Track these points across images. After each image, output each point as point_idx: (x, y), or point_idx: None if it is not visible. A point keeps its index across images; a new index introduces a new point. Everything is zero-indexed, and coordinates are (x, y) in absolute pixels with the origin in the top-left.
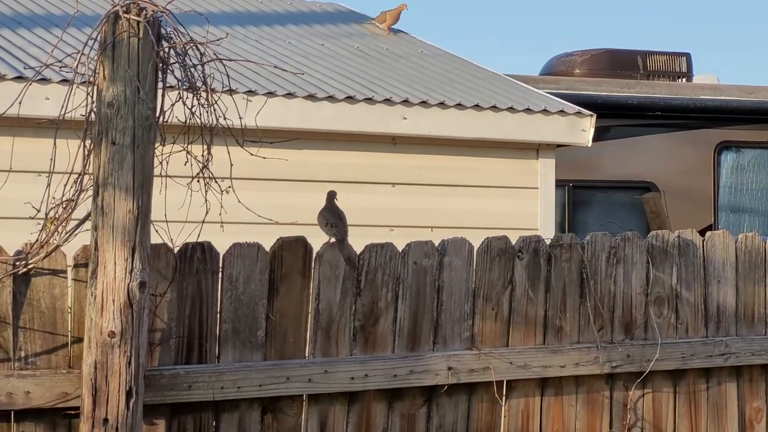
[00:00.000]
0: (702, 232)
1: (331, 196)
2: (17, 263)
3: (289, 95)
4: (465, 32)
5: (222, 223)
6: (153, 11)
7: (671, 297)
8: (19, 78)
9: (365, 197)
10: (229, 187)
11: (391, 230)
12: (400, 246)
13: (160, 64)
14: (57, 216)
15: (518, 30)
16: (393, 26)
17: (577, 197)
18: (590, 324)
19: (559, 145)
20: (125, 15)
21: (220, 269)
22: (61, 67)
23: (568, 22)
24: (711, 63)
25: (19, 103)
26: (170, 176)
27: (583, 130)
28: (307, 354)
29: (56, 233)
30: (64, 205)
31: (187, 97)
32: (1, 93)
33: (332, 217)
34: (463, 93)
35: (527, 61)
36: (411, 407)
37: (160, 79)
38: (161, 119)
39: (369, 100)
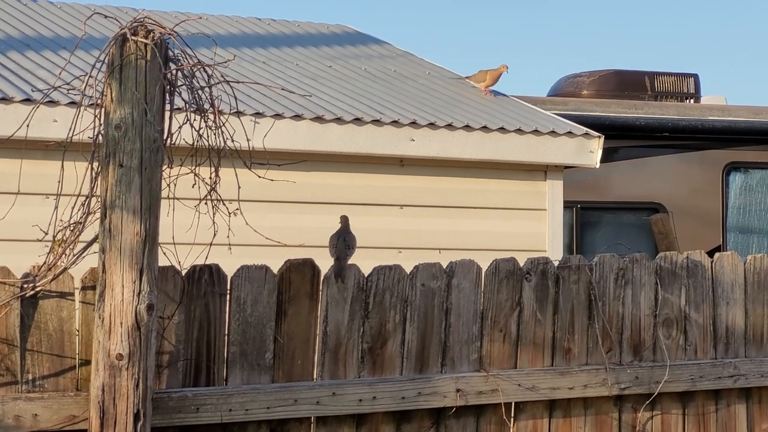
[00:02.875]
0: (710, 253)
1: (344, 219)
2: (25, 286)
3: (297, 117)
4: (473, 54)
5: (230, 245)
6: (161, 33)
7: (680, 318)
8: (27, 100)
9: (373, 219)
10: (237, 209)
11: (399, 252)
12: (408, 268)
13: (168, 86)
14: (64, 238)
15: (526, 51)
16: (492, 87)
17: (585, 218)
18: (598, 346)
19: (567, 167)
20: (133, 37)
21: (228, 291)
22: (69, 90)
23: (575, 43)
24: (719, 81)
25: (27, 125)
26: (178, 198)
27: (591, 151)
28: (315, 376)
29: (64, 256)
30: (72, 228)
31: (194, 119)
32: (10, 115)
33: (335, 239)
34: (471, 114)
35: (535, 83)
36: (419, 429)
37: (167, 101)
38: (169, 141)
39: (377, 122)
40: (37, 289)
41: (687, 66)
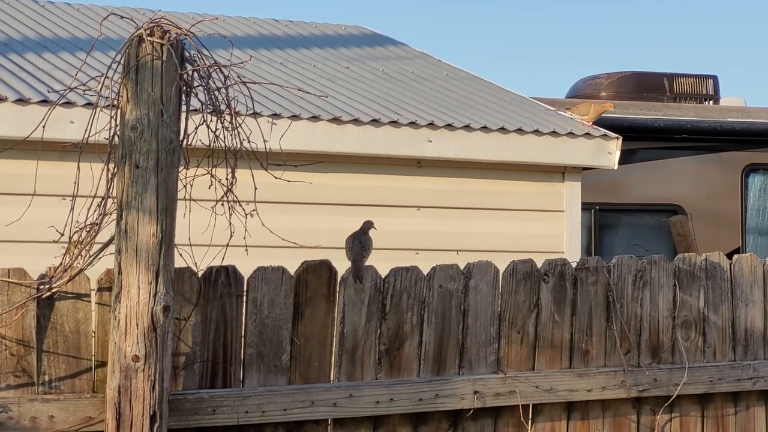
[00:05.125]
0: (729, 255)
1: (366, 225)
2: (41, 287)
3: (314, 118)
4: (491, 55)
5: (246, 246)
6: (177, 34)
7: (698, 320)
8: (44, 102)
9: (390, 220)
10: (254, 210)
11: (417, 254)
12: (425, 269)
13: (184, 87)
14: (81, 240)
15: (544, 53)
16: (593, 122)
17: (603, 220)
18: (617, 347)
19: (585, 168)
20: (149, 38)
21: (245, 293)
22: (85, 91)
23: (594, 45)
24: (738, 82)
25: (43, 126)
26: (194, 200)
27: (609, 152)
28: (332, 378)
29: (80, 257)
30: (88, 229)
31: (211, 120)
32: (26, 116)
33: (351, 241)
34: (489, 116)
35: (554, 84)
36: (436, 431)
37: (183, 102)
38: (185, 142)
39: (394, 123)
40: (54, 290)
41: (706, 67)
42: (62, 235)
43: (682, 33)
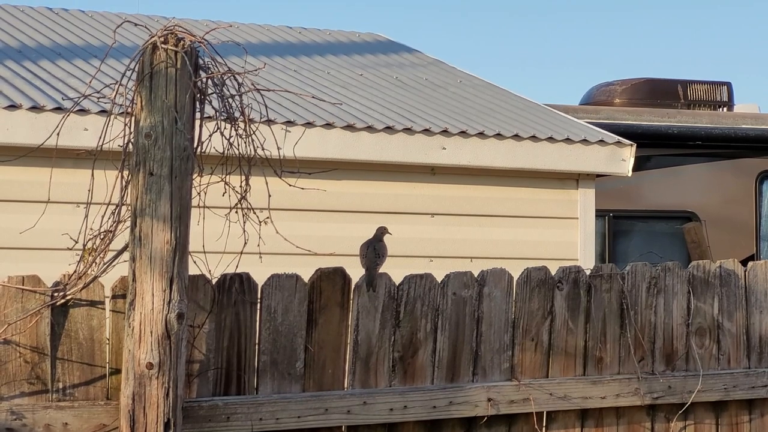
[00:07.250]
0: (744, 262)
1: (379, 231)
2: (55, 294)
3: (328, 125)
4: (505, 62)
5: (260, 253)
6: (191, 41)
7: (713, 327)
8: (58, 109)
9: (404, 228)
10: (268, 217)
11: (431, 261)
12: (439, 277)
13: (198, 95)
14: (95, 247)
15: (558, 60)
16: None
17: (617, 227)
18: (631, 355)
19: (599, 175)
20: (163, 45)
21: (259, 300)
22: (99, 98)
23: (608, 51)
24: (752, 89)
25: (58, 134)
26: (208, 207)
27: (623, 159)
28: (345, 385)
29: (94, 264)
30: (102, 236)
31: (225, 128)
32: (41, 124)
33: (365, 248)
34: (503, 123)
35: (567, 91)
36: None
37: (197, 110)
38: (199, 150)
39: (408, 131)
40: (68, 297)
41: (720, 74)
42: (76, 242)
43: (695, 39)
